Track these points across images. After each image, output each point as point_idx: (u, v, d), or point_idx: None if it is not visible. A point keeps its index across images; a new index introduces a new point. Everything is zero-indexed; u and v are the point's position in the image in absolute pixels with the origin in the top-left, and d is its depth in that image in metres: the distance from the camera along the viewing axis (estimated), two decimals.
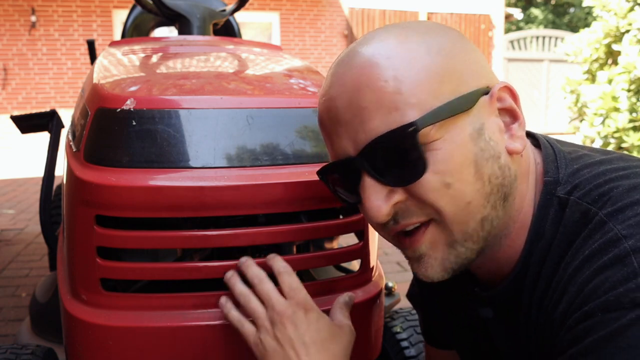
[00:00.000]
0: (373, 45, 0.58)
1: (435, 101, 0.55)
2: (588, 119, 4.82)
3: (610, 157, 0.64)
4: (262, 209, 0.77)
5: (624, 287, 0.50)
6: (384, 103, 0.55)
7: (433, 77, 0.56)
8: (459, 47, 0.59)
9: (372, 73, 0.56)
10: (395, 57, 0.56)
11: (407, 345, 1.18)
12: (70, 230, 0.80)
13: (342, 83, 0.58)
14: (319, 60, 9.43)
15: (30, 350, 1.05)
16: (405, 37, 0.58)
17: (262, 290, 0.71)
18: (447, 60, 0.57)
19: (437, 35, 0.59)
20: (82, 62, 8.26)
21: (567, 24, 20.68)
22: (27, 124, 1.61)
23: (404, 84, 0.55)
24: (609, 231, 0.54)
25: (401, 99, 0.55)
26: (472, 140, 0.57)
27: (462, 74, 0.58)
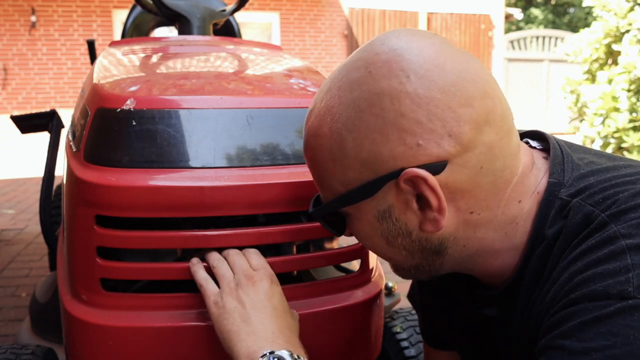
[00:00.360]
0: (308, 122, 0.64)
1: (341, 188, 0.61)
2: (588, 119, 4.82)
3: (617, 164, 0.63)
4: (262, 209, 0.77)
5: (614, 279, 0.50)
6: (315, 179, 0.66)
7: (337, 165, 0.60)
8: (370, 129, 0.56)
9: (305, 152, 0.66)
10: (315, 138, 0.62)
11: (407, 345, 1.18)
12: (70, 230, 0.80)
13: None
14: (319, 60, 9.43)
15: (30, 350, 1.05)
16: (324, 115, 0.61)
17: (234, 260, 0.74)
18: (350, 148, 0.58)
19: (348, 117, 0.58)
20: (82, 62, 8.26)
21: (567, 24, 20.68)
22: (27, 124, 1.61)
23: (319, 168, 0.63)
24: (609, 230, 0.54)
25: (320, 180, 0.65)
26: (377, 220, 0.61)
27: (364, 161, 0.57)
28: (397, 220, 0.60)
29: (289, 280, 0.90)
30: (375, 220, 0.61)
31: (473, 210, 0.59)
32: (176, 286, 0.79)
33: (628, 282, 0.49)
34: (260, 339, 0.65)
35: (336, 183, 0.61)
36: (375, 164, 0.57)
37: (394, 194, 0.58)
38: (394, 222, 0.60)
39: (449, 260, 0.64)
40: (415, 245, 0.62)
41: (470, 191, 0.58)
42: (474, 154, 0.56)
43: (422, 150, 0.55)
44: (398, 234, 0.61)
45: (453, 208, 0.59)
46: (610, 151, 4.53)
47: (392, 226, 0.61)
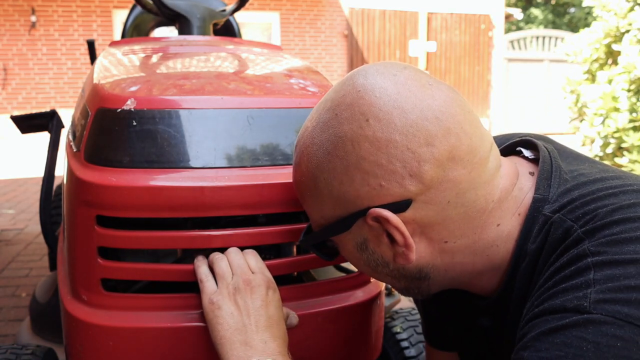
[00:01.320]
0: (294, 155, 0.67)
1: (322, 220, 0.65)
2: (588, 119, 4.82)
3: (606, 176, 0.63)
4: (262, 209, 0.77)
5: (573, 294, 0.51)
6: (304, 208, 0.68)
7: (314, 200, 0.64)
8: (337, 171, 0.59)
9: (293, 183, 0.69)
10: (296, 173, 0.66)
11: (407, 345, 1.18)
12: (71, 231, 0.80)
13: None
14: (319, 60, 9.43)
15: (30, 350, 1.05)
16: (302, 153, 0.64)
17: (234, 259, 0.74)
18: (322, 187, 0.61)
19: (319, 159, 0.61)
20: (82, 62, 8.26)
21: (567, 24, 20.68)
22: (27, 124, 1.61)
23: (303, 199, 0.67)
24: (581, 247, 0.55)
25: (306, 209, 0.68)
26: (358, 251, 0.65)
27: (335, 199, 0.61)
28: (374, 252, 0.63)
29: (289, 280, 0.90)
30: (356, 251, 0.65)
31: (447, 240, 0.61)
32: (176, 287, 0.79)
33: (585, 298, 0.50)
34: (251, 349, 0.66)
35: (317, 216, 0.65)
36: (345, 202, 0.60)
37: (366, 229, 0.61)
38: (372, 254, 0.64)
39: (435, 283, 0.66)
40: (396, 273, 0.65)
41: (440, 223, 0.59)
42: (439, 191, 0.57)
43: (385, 191, 0.57)
44: (377, 264, 0.64)
45: (425, 240, 0.60)
46: (610, 151, 4.53)
47: (371, 257, 0.64)
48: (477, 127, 0.60)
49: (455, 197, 0.58)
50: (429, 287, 0.66)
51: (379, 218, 0.58)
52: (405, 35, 9.83)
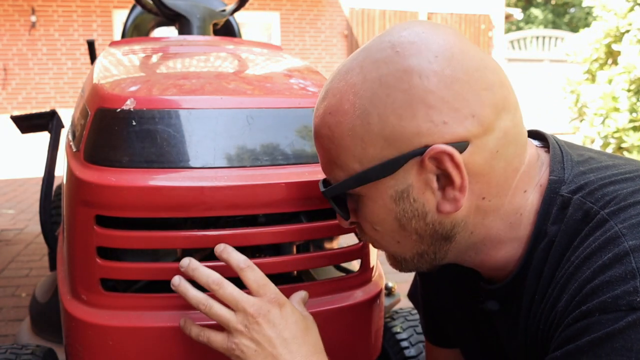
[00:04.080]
0: (326, 99, 0.63)
1: (357, 165, 0.60)
2: (588, 119, 4.82)
3: (617, 162, 0.64)
4: (262, 209, 0.77)
5: (622, 289, 0.51)
6: (327, 159, 0.64)
7: (356, 142, 0.59)
8: (397, 105, 0.56)
9: (319, 130, 0.64)
10: (333, 115, 0.61)
11: (407, 345, 1.18)
12: (70, 230, 0.80)
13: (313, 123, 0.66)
14: (319, 60, 9.43)
15: (30, 350, 1.05)
16: (345, 92, 0.60)
17: (226, 294, 0.67)
18: (374, 123, 0.57)
19: (374, 93, 0.57)
20: (82, 62, 8.26)
21: (567, 24, 20.68)
22: (27, 124, 1.61)
23: (335, 146, 0.61)
24: (610, 229, 0.55)
25: (333, 159, 0.63)
26: (393, 201, 0.60)
27: (387, 137, 0.57)
28: (415, 201, 0.59)
29: (289, 280, 0.90)
30: (391, 202, 0.60)
31: (485, 196, 0.60)
32: None
33: (637, 293, 0.50)
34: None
35: (353, 161, 0.60)
36: (400, 141, 0.57)
37: (415, 172, 0.58)
38: (412, 203, 0.60)
39: (455, 248, 0.64)
40: (427, 229, 0.62)
41: (484, 175, 0.59)
42: (492, 137, 0.57)
43: (447, 129, 0.56)
44: (413, 216, 0.61)
45: (468, 192, 0.59)
46: (610, 151, 4.53)
47: (408, 207, 0.60)
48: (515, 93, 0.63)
49: (503, 148, 0.58)
50: (446, 253, 0.65)
51: (441, 155, 0.55)
52: None
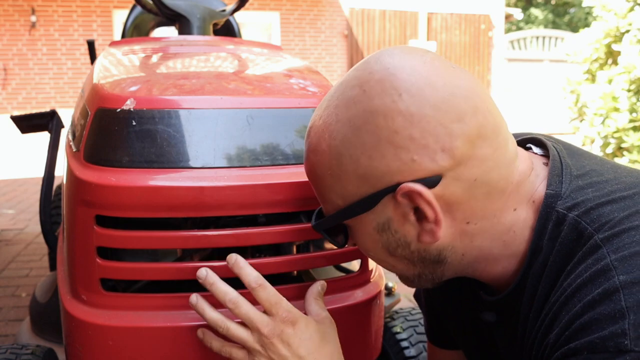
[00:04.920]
0: (309, 137, 0.65)
1: (341, 202, 0.62)
2: (588, 119, 4.82)
3: (619, 174, 0.63)
4: (262, 209, 0.77)
5: (610, 329, 0.51)
6: (317, 193, 0.67)
7: (335, 180, 0.61)
8: (366, 146, 0.58)
9: (306, 167, 0.67)
10: (314, 154, 0.63)
11: (407, 345, 1.18)
12: (70, 230, 0.80)
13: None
14: (319, 60, 9.43)
15: (30, 350, 1.05)
16: (322, 132, 0.62)
17: (241, 314, 0.69)
18: (348, 164, 0.59)
19: (345, 135, 0.59)
20: (82, 62, 8.27)
21: (567, 24, 20.67)
22: (27, 124, 1.61)
23: (319, 183, 0.65)
24: (602, 259, 0.54)
25: (321, 195, 0.66)
26: (377, 232, 0.63)
27: (361, 176, 0.59)
28: (396, 232, 0.61)
29: (289, 280, 0.90)
30: (375, 232, 0.63)
31: (469, 221, 0.60)
32: (176, 286, 0.79)
33: (625, 335, 0.50)
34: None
35: (336, 197, 0.63)
36: (373, 179, 0.58)
37: (391, 207, 0.59)
38: (393, 234, 0.62)
39: (450, 268, 0.65)
40: (415, 256, 0.63)
41: (465, 202, 0.59)
42: (467, 168, 0.57)
43: (416, 166, 0.56)
44: (398, 245, 0.63)
45: (449, 219, 0.60)
46: (610, 151, 4.53)
47: (391, 237, 0.62)
48: (498, 110, 0.61)
49: (482, 175, 0.58)
50: (442, 273, 0.65)
51: (411, 193, 0.57)
52: (405, 35, 9.83)
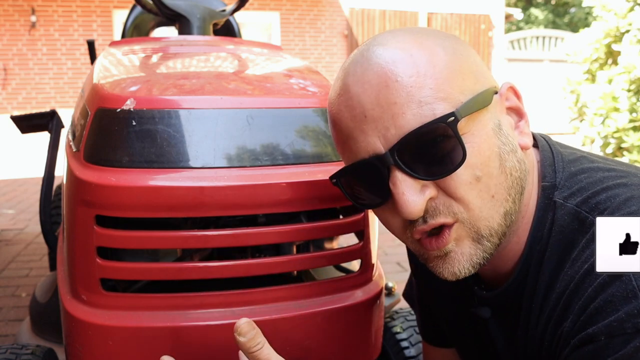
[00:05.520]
0: (391, 46, 0.58)
1: (462, 96, 0.57)
2: (588, 119, 4.82)
3: (608, 163, 0.64)
4: (262, 209, 0.77)
5: (625, 310, 0.51)
6: (414, 98, 0.55)
7: (455, 74, 0.57)
8: (467, 50, 0.61)
9: (398, 70, 0.56)
10: (417, 55, 0.57)
11: (407, 345, 1.18)
12: (70, 230, 0.80)
13: (365, 80, 0.58)
14: (319, 60, 9.43)
15: (30, 350, 1.05)
16: (420, 38, 0.59)
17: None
18: (463, 60, 0.59)
19: (447, 39, 0.61)
20: (82, 62, 8.26)
21: (567, 24, 20.67)
22: (27, 124, 1.61)
23: (431, 80, 0.56)
24: None
25: (430, 94, 0.56)
26: (495, 134, 0.59)
27: (475, 73, 0.60)
28: (508, 135, 0.61)
29: (289, 280, 0.90)
30: (493, 135, 0.59)
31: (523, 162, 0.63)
32: (176, 286, 0.79)
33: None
34: None
35: (457, 92, 0.57)
36: (484, 78, 0.61)
37: (499, 108, 0.61)
38: (506, 136, 0.60)
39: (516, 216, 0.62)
40: (519, 169, 0.61)
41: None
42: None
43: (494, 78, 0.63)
44: (510, 150, 0.60)
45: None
46: (610, 151, 4.52)
47: (505, 140, 0.60)
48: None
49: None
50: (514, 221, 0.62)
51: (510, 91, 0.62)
52: None
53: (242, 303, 0.79)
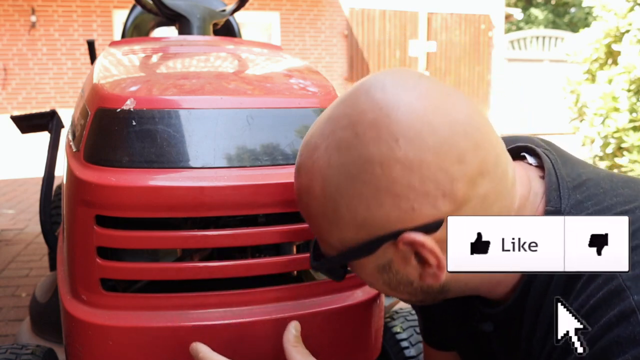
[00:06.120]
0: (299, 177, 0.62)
1: (338, 245, 0.60)
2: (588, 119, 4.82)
3: (614, 186, 0.62)
4: (262, 209, 0.77)
5: (632, 353, 0.50)
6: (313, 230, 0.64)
7: (332, 225, 0.59)
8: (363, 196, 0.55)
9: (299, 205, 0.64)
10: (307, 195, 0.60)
11: (407, 345, 1.18)
12: (70, 230, 0.80)
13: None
14: (319, 60, 9.43)
15: (30, 350, 1.05)
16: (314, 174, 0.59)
17: None
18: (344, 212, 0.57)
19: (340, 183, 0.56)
20: (82, 62, 8.26)
21: (567, 24, 20.67)
22: (27, 124, 1.61)
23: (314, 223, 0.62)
24: (613, 277, 0.53)
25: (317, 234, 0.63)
26: (378, 272, 0.61)
27: (359, 224, 0.56)
28: (398, 273, 0.60)
29: (289, 280, 0.90)
30: (375, 272, 0.61)
31: None
32: (176, 286, 0.79)
33: None
34: None
35: (333, 240, 0.60)
36: (371, 227, 0.56)
37: (392, 251, 0.57)
38: (395, 274, 0.60)
39: (452, 294, 0.64)
40: (418, 290, 0.62)
41: None
42: (469, 207, 0.55)
43: (417, 213, 0.54)
44: (399, 283, 0.61)
45: None
46: (610, 151, 4.52)
47: (393, 277, 0.60)
48: (497, 136, 0.58)
49: (483, 211, 0.56)
50: (445, 298, 0.65)
51: (412, 243, 0.55)
52: (405, 35, 9.83)
53: (242, 303, 0.79)
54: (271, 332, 0.78)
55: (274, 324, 0.78)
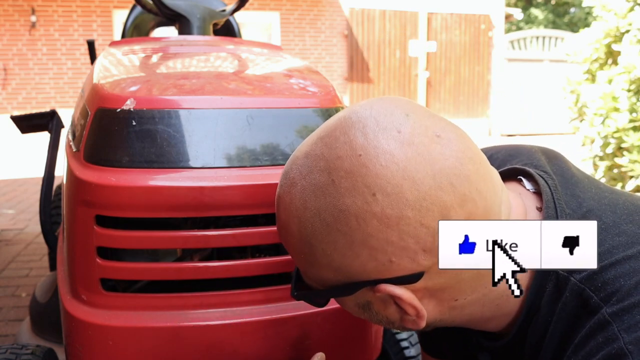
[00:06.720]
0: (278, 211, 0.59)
1: (317, 284, 0.58)
2: (588, 119, 4.82)
3: (617, 220, 0.58)
4: (262, 209, 0.77)
5: None
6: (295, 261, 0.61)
7: (309, 266, 0.56)
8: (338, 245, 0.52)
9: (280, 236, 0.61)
10: (285, 233, 0.58)
11: (407, 345, 1.18)
12: (70, 230, 0.80)
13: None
14: (319, 60, 9.43)
15: (30, 350, 1.05)
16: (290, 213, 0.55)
17: None
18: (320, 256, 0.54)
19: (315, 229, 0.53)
20: (82, 62, 8.26)
21: (567, 24, 20.67)
22: (27, 124, 1.61)
23: (295, 257, 0.59)
24: (613, 339, 0.50)
25: (299, 266, 0.60)
26: (359, 309, 0.59)
27: (336, 269, 0.54)
28: (378, 313, 0.58)
29: (289, 280, 0.90)
30: (357, 308, 0.59)
31: (458, 298, 0.57)
32: (176, 286, 0.79)
33: None
34: None
35: (313, 277, 0.58)
36: (349, 273, 0.53)
37: (371, 295, 0.55)
38: (375, 314, 0.58)
39: (443, 326, 0.62)
40: (401, 328, 0.61)
41: (452, 286, 0.55)
42: None
43: (395, 266, 0.51)
44: (381, 321, 0.59)
45: (435, 301, 0.56)
46: (610, 151, 4.52)
47: (374, 316, 0.59)
48: (489, 178, 0.54)
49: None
50: (435, 328, 0.63)
51: (389, 294, 0.53)
52: (405, 35, 9.83)
53: (242, 303, 0.79)
54: (271, 332, 0.78)
55: (274, 324, 0.78)
